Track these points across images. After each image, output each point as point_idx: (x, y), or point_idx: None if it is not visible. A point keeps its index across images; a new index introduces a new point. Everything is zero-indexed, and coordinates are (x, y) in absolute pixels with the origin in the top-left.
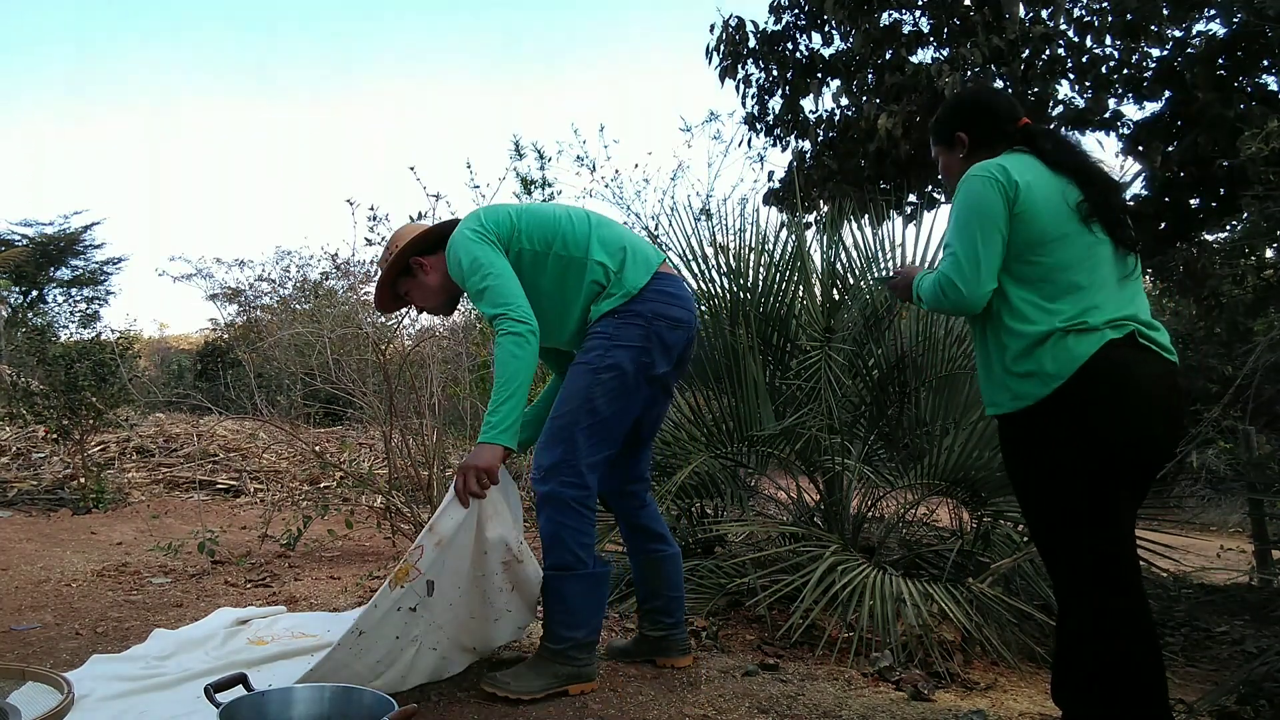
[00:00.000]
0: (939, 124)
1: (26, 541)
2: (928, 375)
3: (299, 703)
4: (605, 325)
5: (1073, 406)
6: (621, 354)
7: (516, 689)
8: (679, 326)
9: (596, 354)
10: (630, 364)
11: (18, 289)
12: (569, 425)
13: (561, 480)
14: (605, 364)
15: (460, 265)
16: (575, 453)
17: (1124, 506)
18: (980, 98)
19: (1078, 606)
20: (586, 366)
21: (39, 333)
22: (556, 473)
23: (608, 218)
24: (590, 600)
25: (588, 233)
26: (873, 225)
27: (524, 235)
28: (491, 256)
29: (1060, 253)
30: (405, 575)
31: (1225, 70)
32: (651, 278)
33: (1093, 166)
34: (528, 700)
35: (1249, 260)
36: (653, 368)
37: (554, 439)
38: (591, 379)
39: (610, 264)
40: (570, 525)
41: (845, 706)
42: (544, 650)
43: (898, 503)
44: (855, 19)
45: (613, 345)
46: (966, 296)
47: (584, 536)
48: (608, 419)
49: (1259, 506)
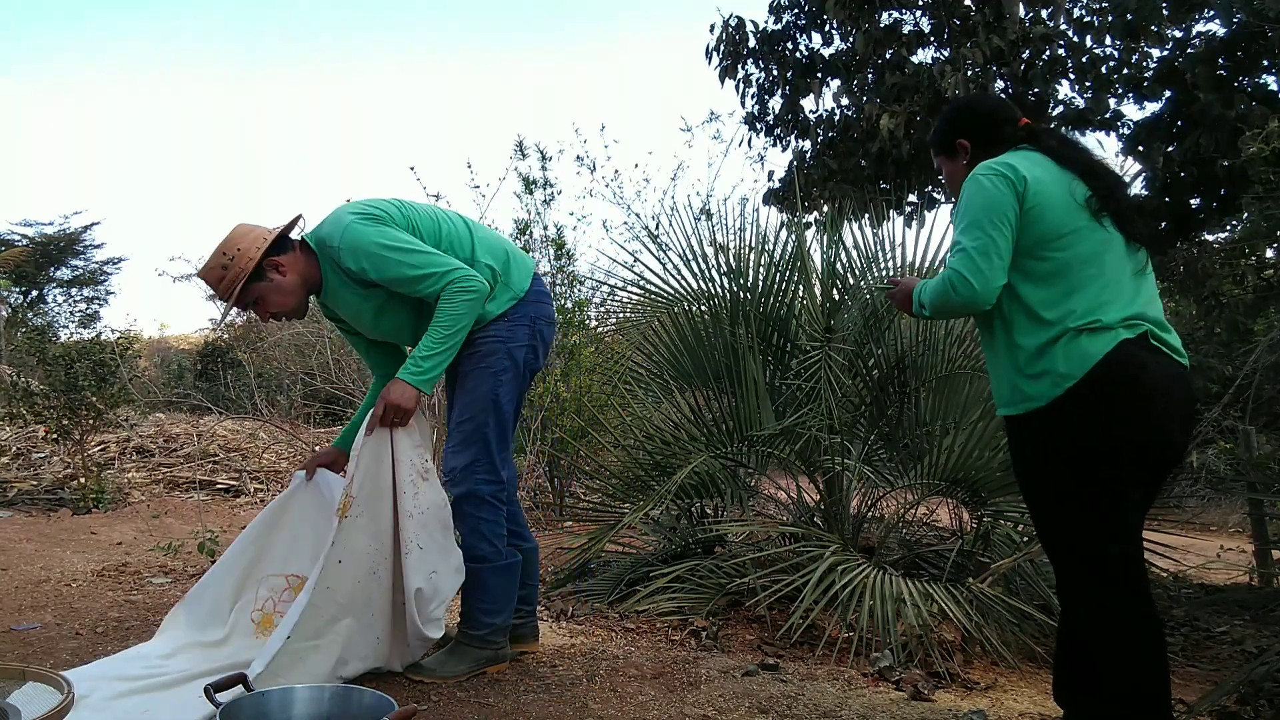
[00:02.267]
0: (939, 134)
1: (26, 541)
2: (928, 375)
3: (299, 702)
4: (497, 329)
5: (1085, 407)
6: (516, 355)
7: (442, 673)
8: (552, 324)
9: (495, 357)
10: (522, 363)
11: (18, 289)
12: (479, 427)
13: (478, 478)
14: (503, 366)
15: (371, 252)
16: (488, 451)
17: (1134, 508)
18: (979, 100)
19: (1084, 607)
20: (487, 370)
21: (39, 333)
22: (472, 472)
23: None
24: (508, 588)
25: (469, 235)
26: (873, 225)
27: (417, 227)
28: (400, 233)
29: (1072, 248)
30: (347, 508)
31: (1225, 70)
32: (531, 280)
33: (1098, 163)
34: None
35: (1249, 260)
36: (535, 363)
37: (467, 442)
38: (494, 381)
39: (496, 267)
40: (487, 519)
41: (845, 706)
42: (464, 637)
43: (898, 503)
44: (855, 19)
45: (508, 348)
46: (978, 290)
47: (499, 528)
48: (509, 415)
49: (1259, 506)
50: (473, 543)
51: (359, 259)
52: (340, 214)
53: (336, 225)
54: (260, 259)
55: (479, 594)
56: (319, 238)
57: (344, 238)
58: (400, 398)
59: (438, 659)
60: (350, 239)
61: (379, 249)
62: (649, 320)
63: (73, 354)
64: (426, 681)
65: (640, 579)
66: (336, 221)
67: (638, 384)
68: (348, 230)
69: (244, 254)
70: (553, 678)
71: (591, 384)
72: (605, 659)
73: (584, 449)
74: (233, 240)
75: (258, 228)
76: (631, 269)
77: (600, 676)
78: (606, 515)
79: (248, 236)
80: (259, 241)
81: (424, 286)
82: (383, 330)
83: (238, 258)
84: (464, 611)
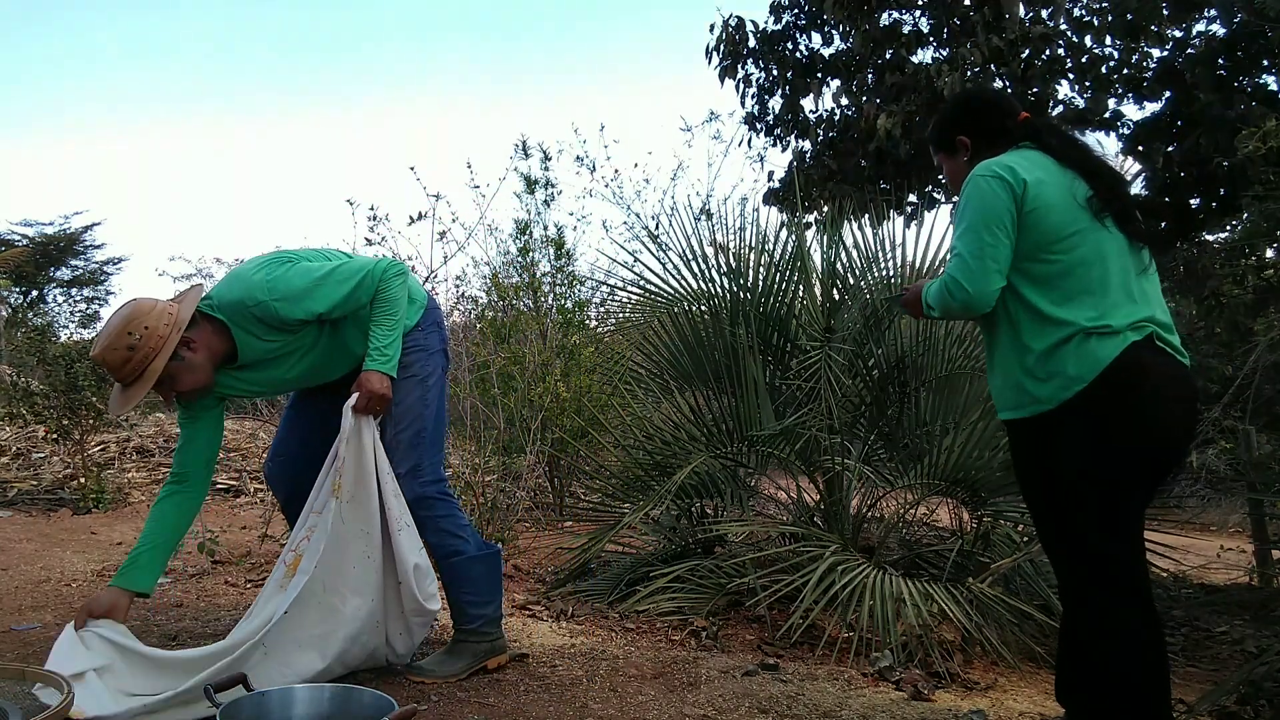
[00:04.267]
0: (938, 131)
1: (26, 541)
2: (928, 375)
3: (299, 703)
4: (415, 338)
5: (1094, 410)
6: (436, 359)
7: (442, 673)
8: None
9: (419, 365)
10: (441, 365)
11: (18, 289)
12: (416, 434)
13: (420, 481)
14: (428, 372)
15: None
16: (425, 455)
17: (1136, 509)
18: (976, 97)
19: (1085, 608)
20: (415, 379)
21: (39, 333)
22: (415, 476)
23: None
24: (493, 577)
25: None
26: (873, 225)
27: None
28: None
29: (1074, 250)
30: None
31: (1225, 70)
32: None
33: (1099, 161)
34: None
35: (1249, 260)
36: (448, 363)
37: (408, 450)
38: (422, 389)
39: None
40: (442, 514)
41: (845, 706)
42: (458, 634)
43: (898, 503)
44: (855, 19)
45: (428, 354)
46: (973, 295)
47: (458, 518)
48: (441, 417)
49: (1259, 506)
50: (439, 540)
51: (296, 304)
52: (246, 275)
53: (252, 285)
54: (171, 336)
55: (464, 587)
56: (231, 302)
57: (273, 289)
58: (380, 386)
59: (436, 659)
60: (280, 289)
61: (313, 284)
62: (649, 320)
63: (73, 354)
64: (427, 682)
65: (640, 579)
66: (247, 282)
67: (638, 384)
68: (273, 284)
69: (153, 331)
70: (553, 678)
71: (591, 384)
72: (605, 659)
73: (584, 449)
74: (137, 318)
75: (159, 302)
76: (631, 269)
77: (600, 676)
78: (606, 515)
79: (152, 313)
80: (166, 318)
81: (361, 293)
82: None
83: (146, 336)
84: (453, 609)
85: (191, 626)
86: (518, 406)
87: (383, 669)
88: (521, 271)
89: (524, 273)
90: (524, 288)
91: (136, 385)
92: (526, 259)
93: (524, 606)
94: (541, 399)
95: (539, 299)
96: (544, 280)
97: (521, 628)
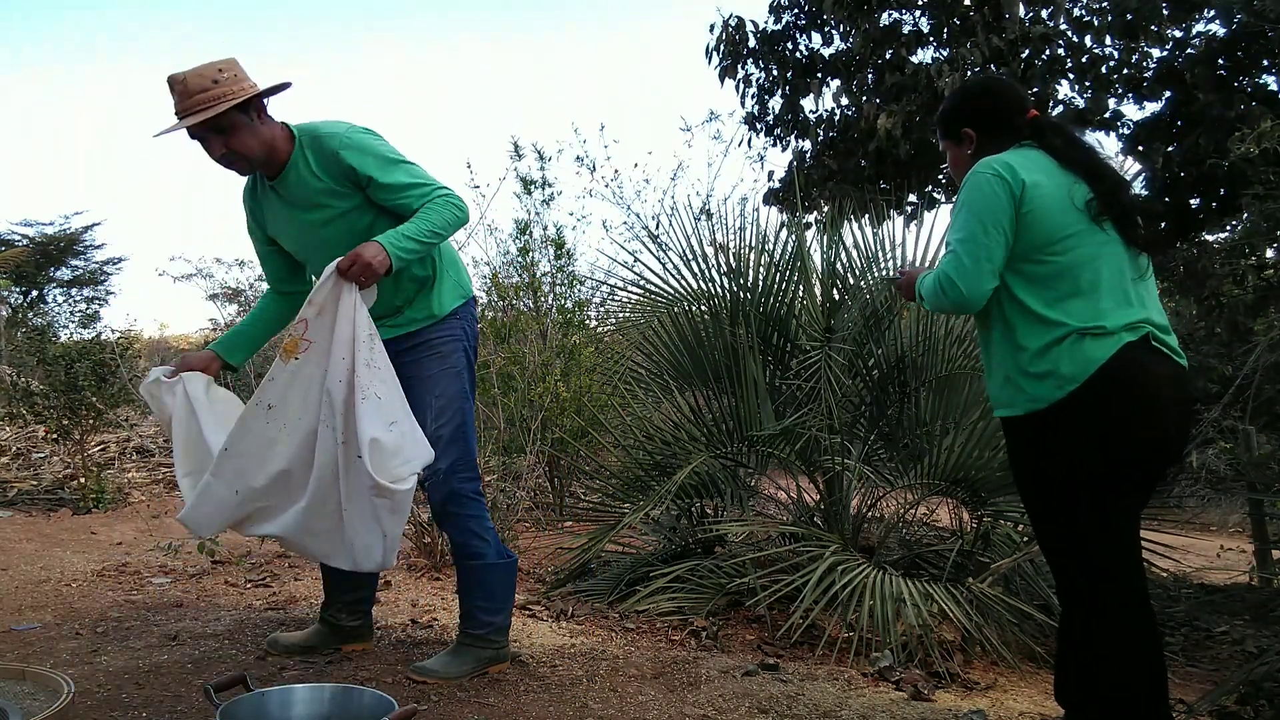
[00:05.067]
0: (946, 117)
1: (26, 541)
2: (928, 375)
3: (299, 703)
4: (453, 327)
5: (1087, 410)
6: (470, 353)
7: (444, 674)
8: None
9: (456, 355)
10: (473, 357)
11: (18, 289)
12: (458, 429)
13: (460, 477)
14: (464, 364)
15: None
16: (469, 450)
17: (1131, 509)
18: (988, 88)
19: (1083, 608)
20: (452, 370)
21: (39, 333)
22: (454, 472)
23: None
24: (507, 587)
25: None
26: (873, 225)
27: None
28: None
29: (1070, 252)
30: (295, 348)
31: (1225, 70)
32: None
33: (1102, 163)
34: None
35: (1249, 260)
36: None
37: (449, 445)
38: (459, 381)
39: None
40: (473, 515)
41: (845, 706)
42: (465, 637)
43: (898, 503)
44: (855, 19)
45: (464, 345)
46: (966, 294)
47: (486, 521)
48: (472, 410)
49: (1259, 506)
50: (464, 540)
51: (363, 157)
52: (340, 122)
53: (338, 126)
54: (251, 91)
55: (478, 592)
56: (311, 130)
57: (349, 137)
58: (373, 257)
59: (440, 660)
60: (357, 139)
61: (385, 152)
62: (649, 320)
63: (73, 354)
64: (428, 682)
65: (640, 579)
66: (336, 125)
67: (638, 384)
68: (353, 132)
69: (239, 79)
70: (553, 678)
71: (591, 384)
72: (605, 659)
73: (584, 449)
74: (230, 63)
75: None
76: (631, 269)
77: (600, 676)
78: (606, 515)
79: (242, 69)
80: (252, 80)
81: (414, 193)
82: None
83: (230, 80)
84: (463, 611)
85: (191, 626)
86: (518, 406)
87: (383, 669)
88: (521, 271)
89: (524, 273)
90: (524, 288)
91: (201, 113)
92: (526, 259)
93: (524, 606)
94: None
95: (539, 299)
96: (544, 280)
97: (521, 628)
